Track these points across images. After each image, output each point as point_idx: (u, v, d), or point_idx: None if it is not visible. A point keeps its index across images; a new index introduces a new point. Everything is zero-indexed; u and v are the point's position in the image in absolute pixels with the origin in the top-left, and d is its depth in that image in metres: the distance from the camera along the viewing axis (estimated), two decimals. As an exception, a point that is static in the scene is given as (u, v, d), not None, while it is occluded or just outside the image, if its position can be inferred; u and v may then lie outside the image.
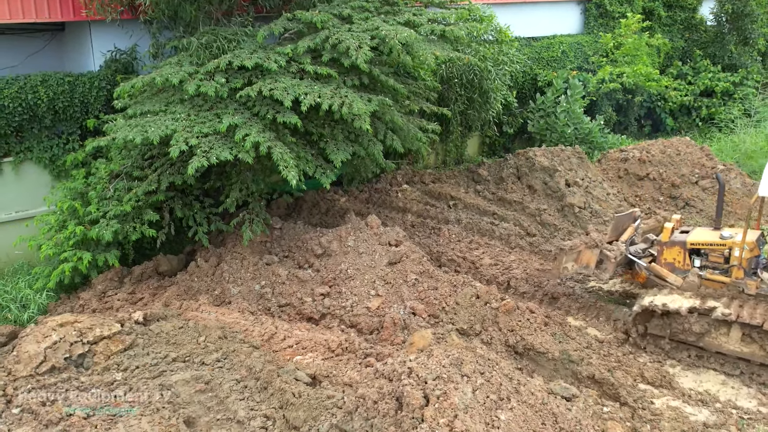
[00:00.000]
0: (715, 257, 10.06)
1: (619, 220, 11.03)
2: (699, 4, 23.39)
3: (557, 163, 15.26)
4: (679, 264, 10.31)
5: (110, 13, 12.19)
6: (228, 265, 11.22)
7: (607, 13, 21.61)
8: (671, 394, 9.07)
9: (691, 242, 10.21)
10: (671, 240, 10.38)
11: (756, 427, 8.37)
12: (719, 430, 8.32)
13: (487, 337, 9.85)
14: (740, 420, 8.50)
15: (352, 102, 10.26)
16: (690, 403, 8.88)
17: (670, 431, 8.24)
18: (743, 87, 22.04)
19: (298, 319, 10.49)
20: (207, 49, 11.24)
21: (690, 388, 9.21)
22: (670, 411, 8.62)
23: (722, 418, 8.52)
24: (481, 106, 16.78)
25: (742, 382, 9.34)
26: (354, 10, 11.83)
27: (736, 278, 9.72)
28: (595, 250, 10.51)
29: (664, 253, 10.45)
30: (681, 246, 10.27)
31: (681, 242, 10.27)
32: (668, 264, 10.39)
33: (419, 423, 6.57)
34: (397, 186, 15.57)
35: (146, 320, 9.71)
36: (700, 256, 10.23)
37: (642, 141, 19.04)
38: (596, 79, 19.52)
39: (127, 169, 11.45)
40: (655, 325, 10.00)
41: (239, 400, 7.95)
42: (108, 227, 10.61)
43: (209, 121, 10.21)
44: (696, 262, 10.20)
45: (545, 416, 7.17)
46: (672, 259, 10.37)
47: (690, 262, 10.24)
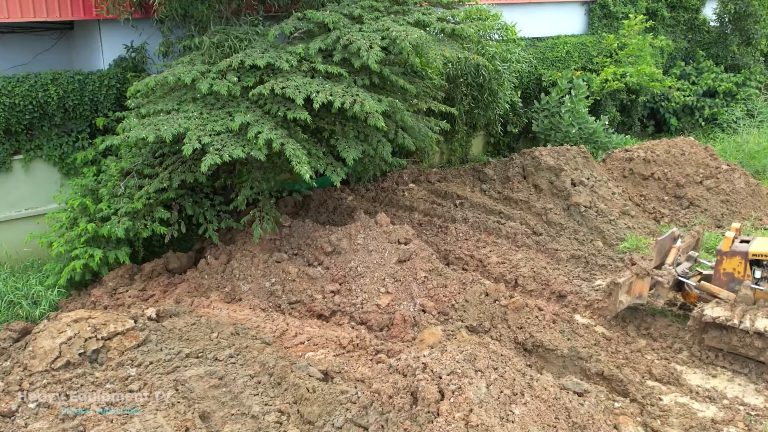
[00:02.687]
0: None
1: (662, 243, 10.78)
2: (702, 4, 23.46)
3: (563, 163, 15.34)
4: (739, 275, 10.01)
5: (122, 12, 12.27)
6: (238, 262, 11.29)
7: (611, 14, 21.69)
8: (679, 390, 9.16)
9: (753, 253, 9.89)
10: (732, 250, 10.06)
11: (763, 423, 8.45)
12: (727, 426, 8.40)
13: (497, 334, 9.93)
14: (747, 416, 8.59)
15: (364, 100, 10.35)
16: (698, 400, 8.96)
17: (678, 427, 8.33)
18: (746, 87, 22.15)
19: (308, 316, 10.57)
20: (218, 48, 11.31)
21: (697, 384, 9.30)
22: (678, 407, 8.72)
23: (730, 415, 8.60)
24: (488, 105, 16.87)
25: (749, 379, 9.42)
26: (364, 9, 11.91)
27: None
28: (646, 278, 10.34)
29: (723, 263, 10.12)
30: (742, 256, 9.95)
31: (743, 252, 9.96)
32: (727, 274, 10.11)
33: (435, 417, 6.65)
34: (403, 185, 15.65)
35: (159, 316, 9.80)
36: (762, 267, 9.92)
37: (645, 141, 19.15)
38: (600, 79, 19.61)
39: (137, 167, 11.52)
40: (713, 337, 9.79)
41: (253, 396, 8.03)
42: (119, 224, 10.69)
43: (221, 119, 10.29)
44: (757, 273, 9.88)
45: (558, 411, 7.26)
46: (732, 269, 10.06)
47: (751, 273, 9.93)
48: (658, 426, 8.22)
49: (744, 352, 9.49)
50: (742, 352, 9.51)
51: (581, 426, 7.19)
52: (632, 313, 10.85)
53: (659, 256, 10.74)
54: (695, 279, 10.73)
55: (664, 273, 10.43)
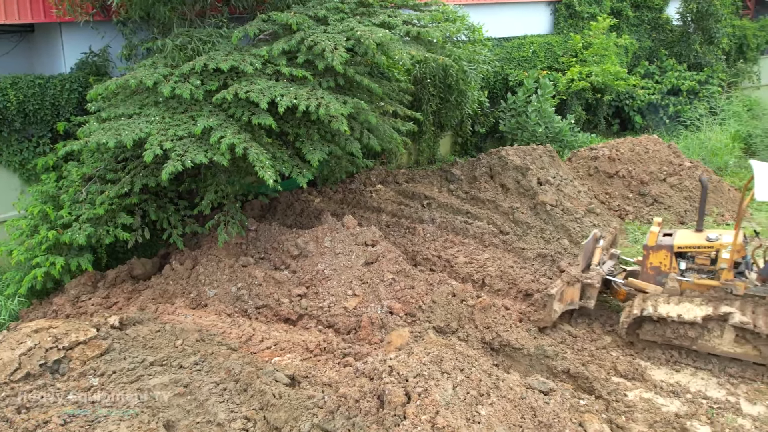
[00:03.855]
0: (702, 260, 10.10)
1: (586, 247, 11.09)
2: (665, 4, 23.81)
3: (529, 162, 15.45)
4: (666, 267, 10.34)
5: (82, 14, 12.05)
6: (204, 267, 11.17)
7: (577, 14, 21.90)
8: (643, 386, 9.29)
9: (678, 245, 10.24)
10: (658, 244, 10.40)
11: (725, 416, 8.60)
12: (690, 419, 8.54)
13: (464, 335, 9.95)
14: (710, 410, 8.73)
15: (329, 103, 10.30)
16: (662, 395, 9.09)
17: (643, 422, 8.43)
18: (708, 85, 22.51)
19: (275, 320, 10.49)
20: (182, 51, 11.17)
21: (661, 380, 9.43)
22: (643, 402, 8.84)
23: (693, 408, 8.75)
24: (456, 105, 16.92)
25: (711, 374, 9.58)
26: (329, 11, 11.86)
27: (726, 280, 9.76)
28: (576, 284, 10.59)
29: (650, 257, 10.46)
30: (668, 249, 10.29)
31: (668, 246, 10.30)
32: (654, 268, 10.44)
33: (401, 420, 6.64)
34: (371, 186, 15.63)
35: (122, 324, 9.65)
36: (686, 258, 10.28)
37: (611, 139, 19.37)
38: (566, 78, 19.81)
39: (99, 172, 11.34)
40: (647, 330, 10.06)
41: (219, 403, 7.93)
42: (81, 231, 10.51)
43: (184, 123, 10.16)
44: (682, 264, 10.24)
45: (524, 410, 7.29)
46: (658, 263, 10.39)
47: (676, 266, 10.26)
48: (622, 422, 8.31)
49: (678, 342, 9.81)
50: (677, 343, 9.83)
51: (547, 425, 7.22)
52: (598, 311, 10.96)
53: (585, 259, 11.02)
54: (621, 276, 11.05)
55: (592, 275, 10.68)
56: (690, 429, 8.34)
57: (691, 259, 10.25)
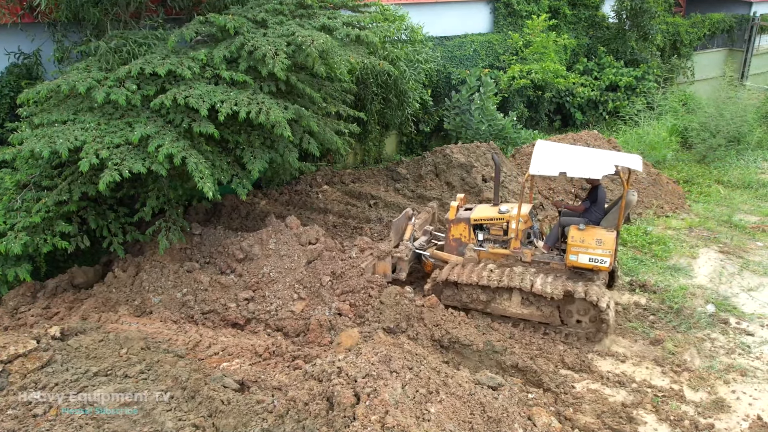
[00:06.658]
0: (496, 231, 11.08)
1: (397, 224, 11.91)
2: (601, 1, 24.31)
3: (473, 159, 15.60)
4: (465, 239, 11.27)
5: (7, 16, 11.64)
6: (147, 274, 10.94)
7: (515, 12, 22.20)
8: (591, 377, 9.48)
9: (474, 218, 11.17)
10: (457, 218, 11.34)
11: (669, 403, 8.85)
12: (636, 408, 8.75)
13: (414, 333, 9.99)
14: (655, 398, 8.97)
15: (270, 109, 10.18)
16: (608, 385, 9.30)
17: (591, 413, 8.60)
18: (645, 81, 23.09)
19: (222, 325, 10.35)
20: (116, 54, 10.88)
21: (608, 370, 9.64)
22: (590, 393, 9.02)
23: (639, 397, 8.97)
24: (398, 105, 16.98)
25: (655, 363, 9.84)
26: (269, 13, 11.70)
27: (514, 249, 10.74)
28: (387, 258, 11.36)
29: (451, 230, 11.41)
30: (466, 222, 11.23)
31: (465, 219, 11.23)
32: (455, 240, 11.36)
33: (351, 421, 6.62)
34: (317, 187, 15.56)
35: (64, 335, 9.36)
36: (483, 230, 11.21)
37: (553, 135, 19.71)
38: (507, 76, 20.06)
39: (35, 179, 10.94)
40: (447, 296, 10.94)
41: (166, 411, 7.77)
42: (16, 240, 10.12)
43: (121, 130, 9.86)
44: (480, 236, 11.16)
45: (473, 406, 7.35)
46: (459, 234, 11.34)
47: (475, 237, 11.20)
48: (570, 414, 8.46)
49: (473, 306, 10.79)
50: (472, 306, 10.80)
51: (496, 420, 7.30)
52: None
53: (397, 235, 11.88)
54: (431, 250, 11.94)
55: (402, 249, 11.53)
56: (636, 417, 8.56)
57: (487, 230, 11.19)
